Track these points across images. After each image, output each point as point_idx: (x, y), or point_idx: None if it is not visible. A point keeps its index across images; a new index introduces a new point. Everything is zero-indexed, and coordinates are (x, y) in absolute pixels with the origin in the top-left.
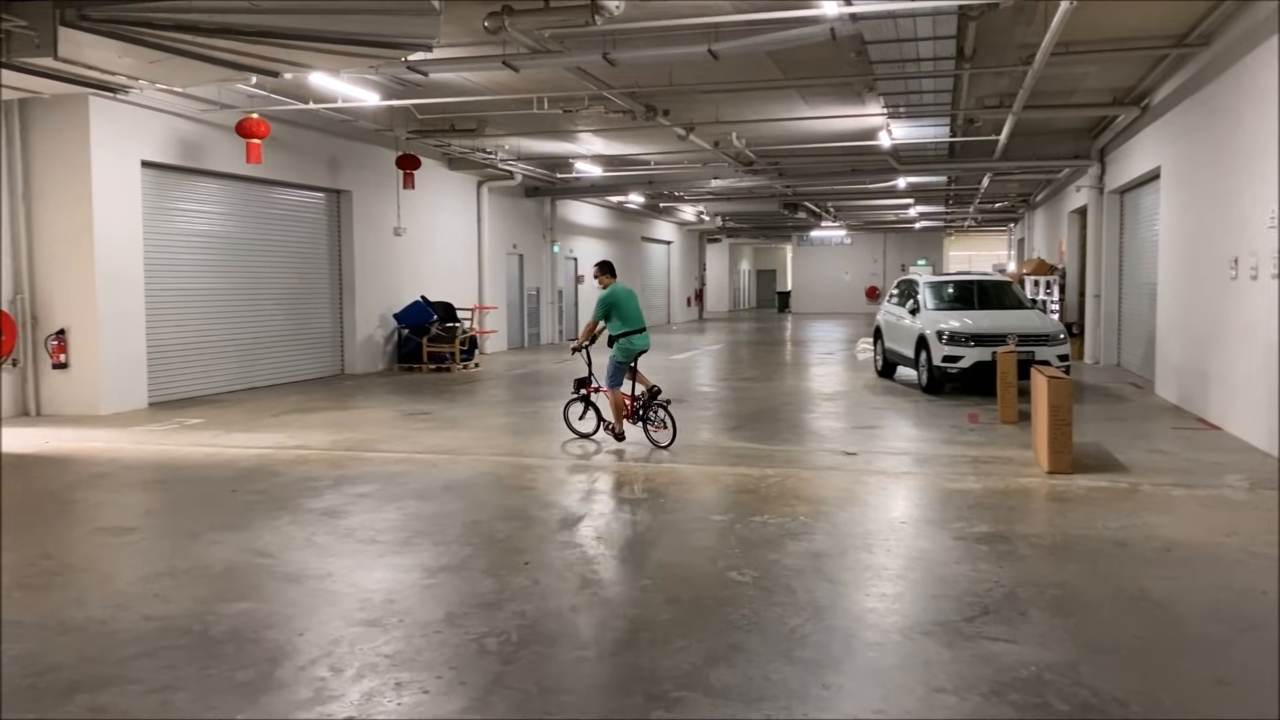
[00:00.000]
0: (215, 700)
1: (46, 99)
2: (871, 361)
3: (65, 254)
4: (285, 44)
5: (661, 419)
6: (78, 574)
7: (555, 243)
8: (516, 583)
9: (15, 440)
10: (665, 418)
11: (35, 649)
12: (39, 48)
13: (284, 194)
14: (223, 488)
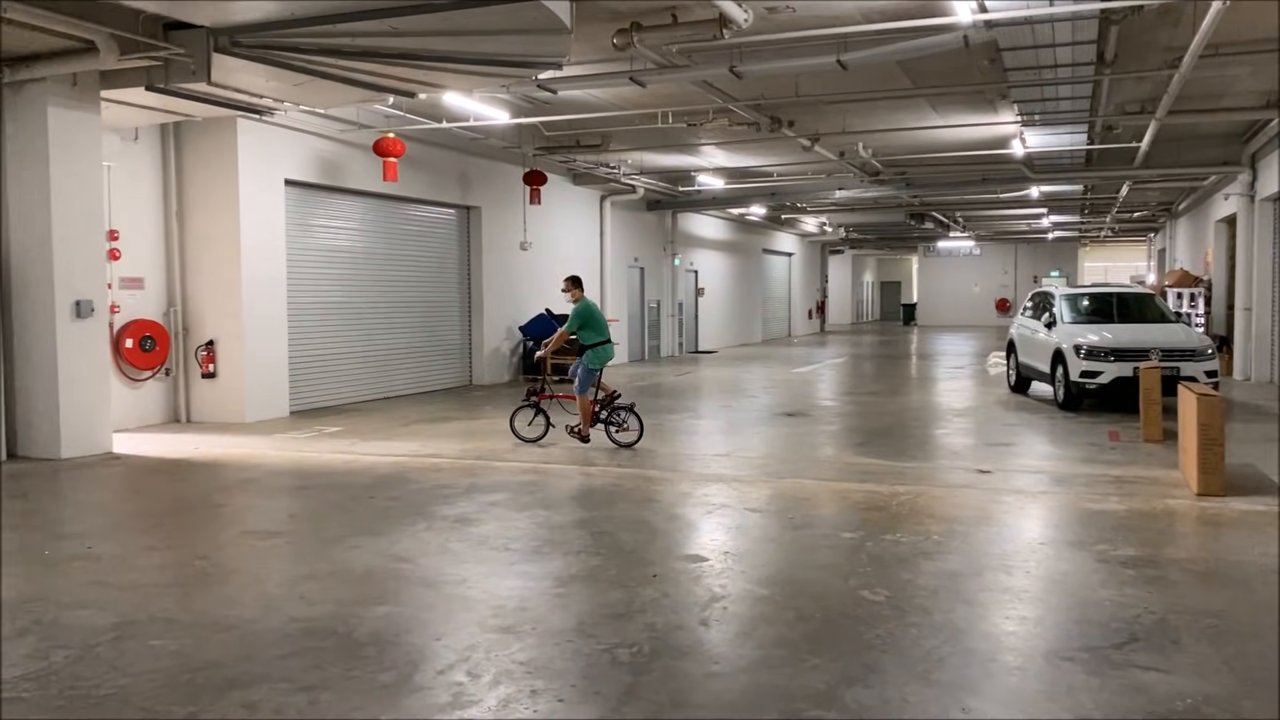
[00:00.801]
0: (359, 701)
1: (199, 121)
2: (1003, 376)
3: (214, 269)
4: (422, 65)
5: (623, 420)
6: (229, 574)
7: (676, 255)
8: (645, 594)
9: (168, 445)
10: (628, 419)
11: (192, 645)
12: (194, 73)
13: (417, 210)
14: (361, 494)
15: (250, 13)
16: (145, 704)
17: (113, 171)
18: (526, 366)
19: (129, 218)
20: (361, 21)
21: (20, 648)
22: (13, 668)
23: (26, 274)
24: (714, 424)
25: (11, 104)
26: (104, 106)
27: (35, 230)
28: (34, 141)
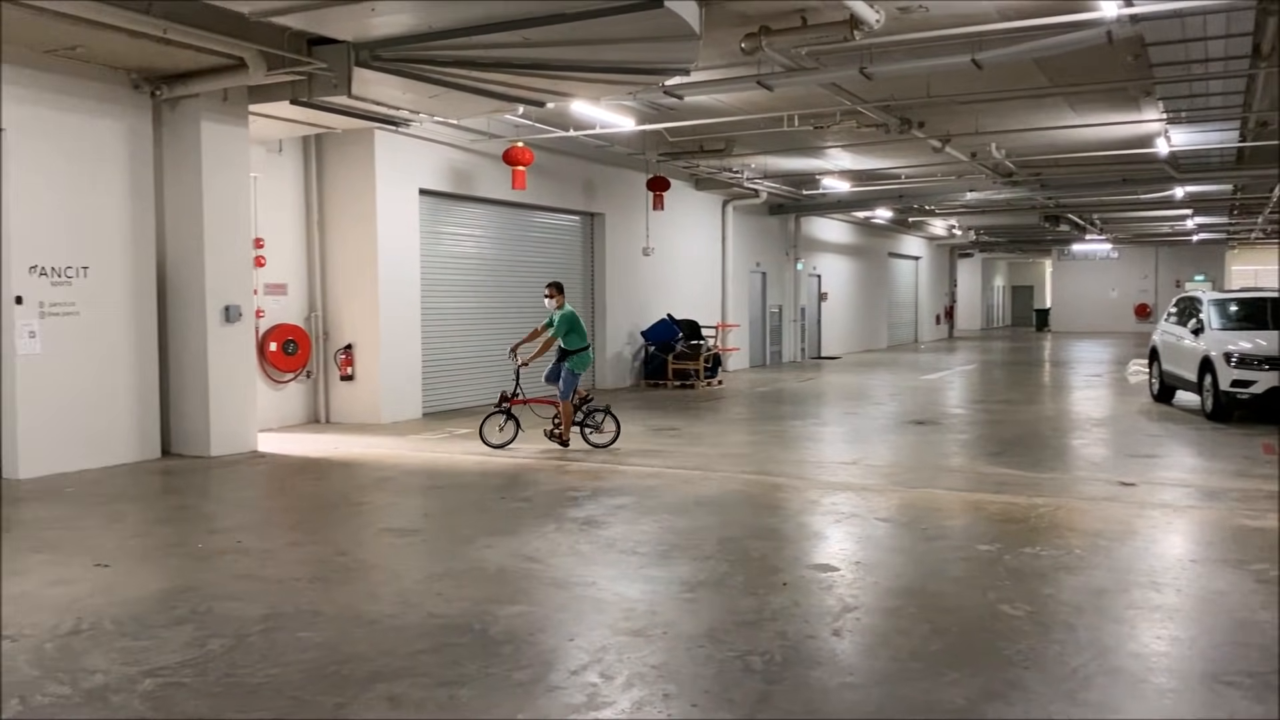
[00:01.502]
0: (496, 698)
1: (339, 134)
2: (1145, 385)
3: (353, 276)
4: (552, 75)
5: (600, 422)
6: (369, 570)
7: (799, 260)
8: (776, 602)
9: (308, 445)
10: (605, 420)
11: (337, 638)
12: (336, 87)
13: (542, 217)
14: (491, 494)
15: (389, 27)
16: (296, 693)
17: (258, 182)
18: (648, 371)
19: (273, 226)
20: (495, 33)
21: (180, 635)
22: (173, 654)
23: (180, 280)
24: (839, 431)
25: (169, 119)
26: (251, 120)
27: (188, 238)
28: (188, 154)
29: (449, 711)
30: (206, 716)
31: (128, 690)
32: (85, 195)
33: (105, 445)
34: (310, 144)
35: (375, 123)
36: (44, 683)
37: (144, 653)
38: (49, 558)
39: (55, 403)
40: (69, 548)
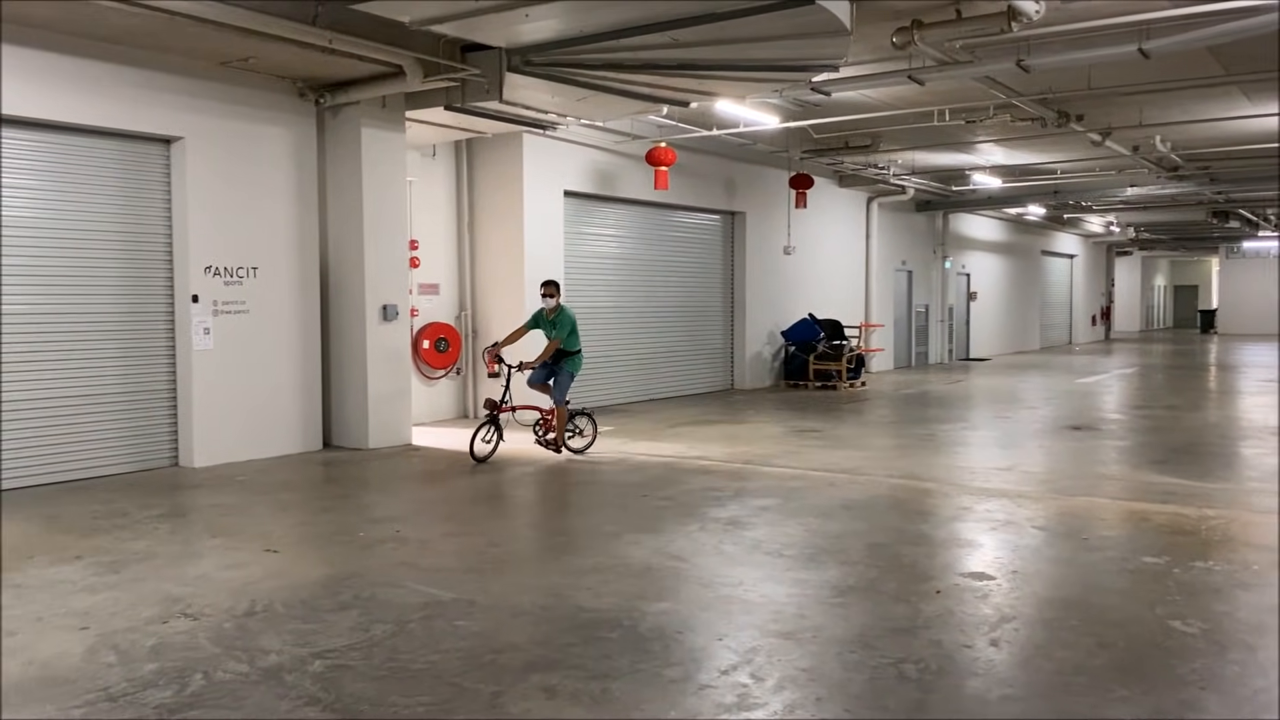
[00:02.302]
0: (648, 694)
1: (489, 138)
2: None
3: (500, 275)
4: (698, 75)
5: (579, 427)
6: (519, 562)
7: (946, 258)
8: (929, 610)
9: (459, 439)
10: (586, 425)
11: (491, 628)
12: (488, 92)
13: (683, 217)
14: (634, 492)
15: (541, 32)
16: (455, 680)
17: (413, 186)
18: (788, 371)
19: (426, 228)
20: (643, 35)
21: (345, 620)
22: (340, 637)
23: (341, 280)
24: (990, 435)
25: (331, 126)
26: (407, 126)
27: (349, 240)
28: (348, 160)
29: (602, 705)
30: (373, 699)
31: (299, 670)
32: (255, 199)
33: (272, 437)
34: (461, 148)
35: (524, 126)
36: (224, 660)
37: (313, 635)
38: (224, 542)
39: (226, 396)
40: (241, 533)
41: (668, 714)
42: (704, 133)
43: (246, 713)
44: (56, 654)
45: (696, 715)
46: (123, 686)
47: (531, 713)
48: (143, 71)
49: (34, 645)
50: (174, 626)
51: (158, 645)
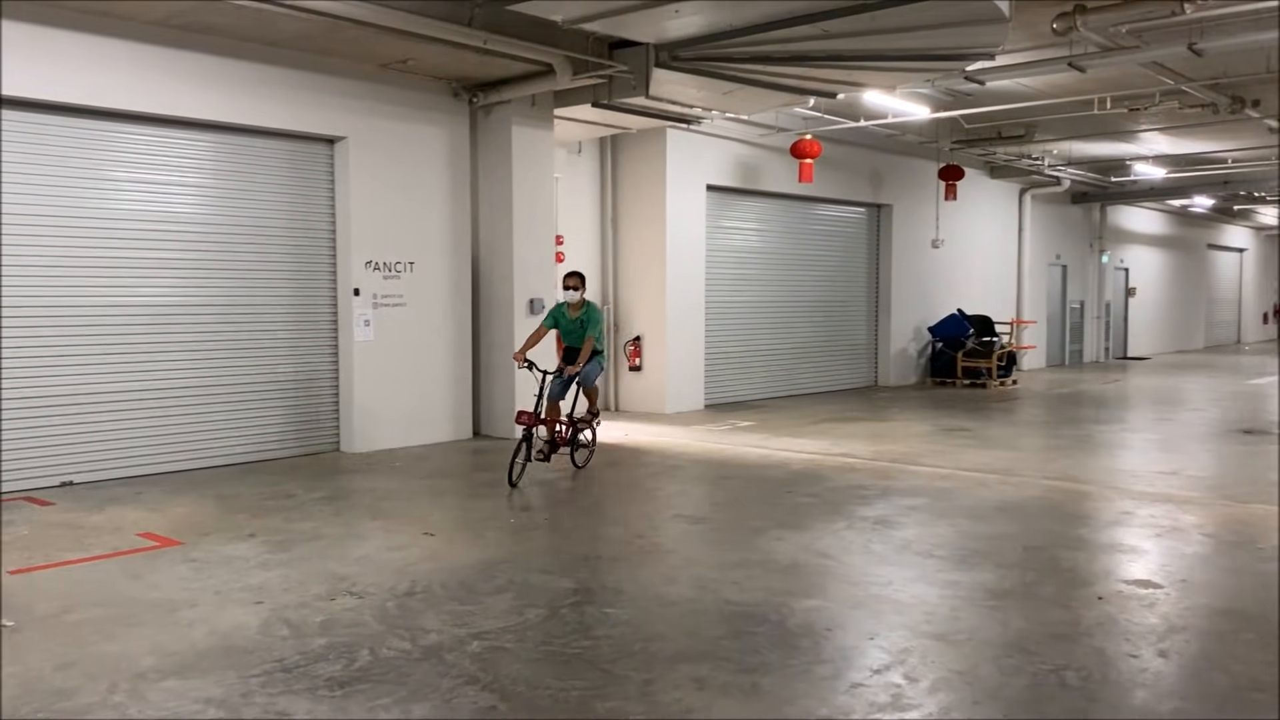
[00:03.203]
0: (798, 689)
1: (633, 133)
2: None
3: (642, 269)
4: (847, 65)
5: (586, 439)
6: (665, 554)
7: (1104, 252)
8: (1090, 617)
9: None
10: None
11: (640, 617)
12: (634, 88)
13: (827, 210)
14: (778, 488)
15: (688, 28)
16: (606, 667)
17: (559, 182)
18: (935, 368)
19: (571, 223)
20: (792, 27)
21: (500, 603)
22: (496, 620)
23: (491, 274)
24: (1152, 438)
25: (483, 124)
26: (555, 123)
27: (498, 236)
28: (499, 157)
29: (753, 699)
30: (529, 681)
31: (458, 650)
32: (412, 196)
33: (426, 425)
34: (606, 144)
35: (668, 121)
36: (388, 637)
37: (470, 617)
38: (383, 525)
39: (384, 385)
40: (400, 517)
41: (819, 711)
42: (850, 124)
43: (411, 689)
44: (235, 626)
45: (849, 714)
46: (295, 659)
47: (682, 702)
48: (309, 74)
49: (214, 617)
50: (341, 604)
51: (326, 621)
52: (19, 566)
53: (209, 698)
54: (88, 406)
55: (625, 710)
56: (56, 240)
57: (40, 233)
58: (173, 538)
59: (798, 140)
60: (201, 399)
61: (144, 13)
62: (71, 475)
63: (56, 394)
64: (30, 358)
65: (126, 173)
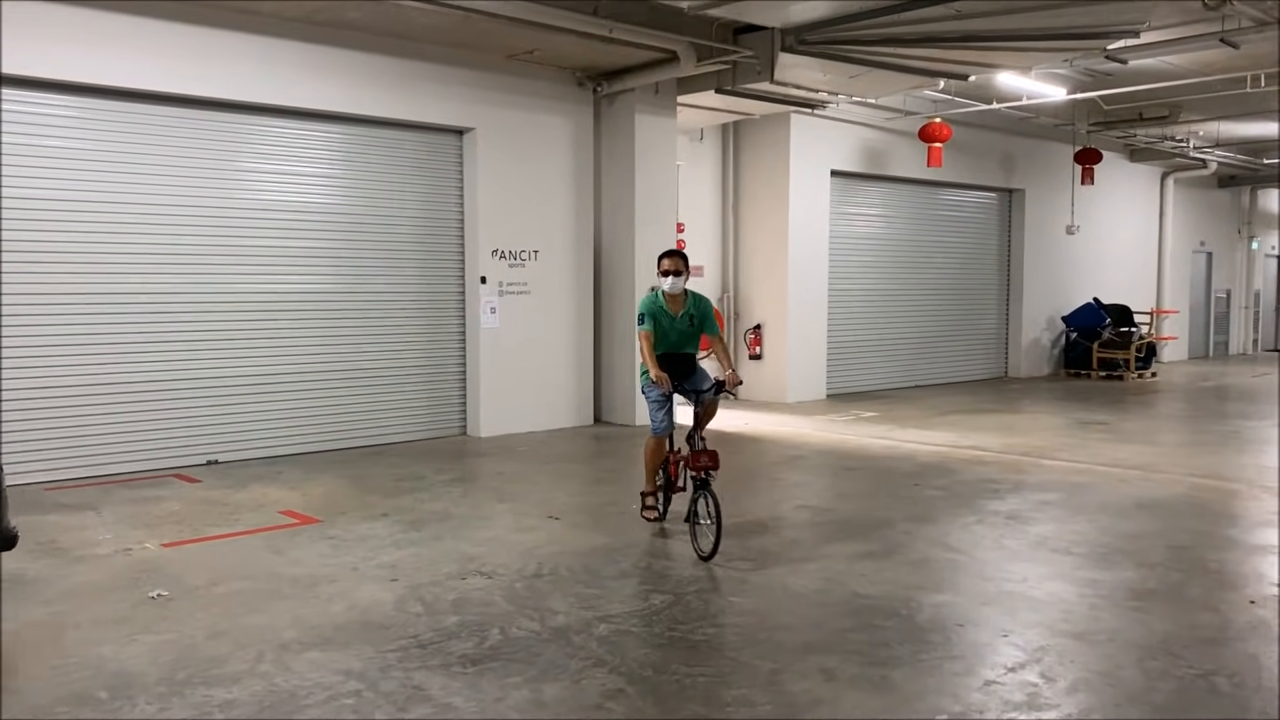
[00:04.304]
0: (930, 683)
1: (756, 119)
2: None
3: (764, 257)
4: (980, 46)
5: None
6: (790, 544)
7: (1253, 238)
8: (1242, 620)
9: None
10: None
11: (766, 606)
12: (759, 73)
13: (955, 195)
14: (904, 480)
15: (815, 10)
16: (733, 654)
17: (681, 169)
18: (1069, 360)
19: (692, 211)
20: (924, 8)
21: (625, 587)
22: (621, 604)
23: (613, 262)
24: None
25: (607, 113)
26: (678, 110)
27: (620, 224)
28: (622, 145)
29: (883, 692)
30: (656, 665)
31: (586, 632)
32: (537, 185)
33: (549, 411)
34: (728, 130)
35: (792, 106)
36: (517, 617)
37: (596, 600)
38: (510, 507)
39: (509, 372)
40: (525, 500)
41: (951, 708)
42: (982, 106)
43: (540, 669)
44: (372, 602)
45: (982, 711)
46: (429, 635)
47: (811, 693)
48: (439, 67)
49: (352, 592)
50: (471, 583)
51: (458, 600)
52: (171, 540)
53: (348, 670)
54: (232, 389)
55: (752, 699)
56: (201, 231)
57: (185, 223)
58: (312, 515)
59: (926, 124)
60: (336, 383)
61: (285, 10)
62: (216, 454)
63: (203, 377)
64: (178, 343)
65: (265, 165)
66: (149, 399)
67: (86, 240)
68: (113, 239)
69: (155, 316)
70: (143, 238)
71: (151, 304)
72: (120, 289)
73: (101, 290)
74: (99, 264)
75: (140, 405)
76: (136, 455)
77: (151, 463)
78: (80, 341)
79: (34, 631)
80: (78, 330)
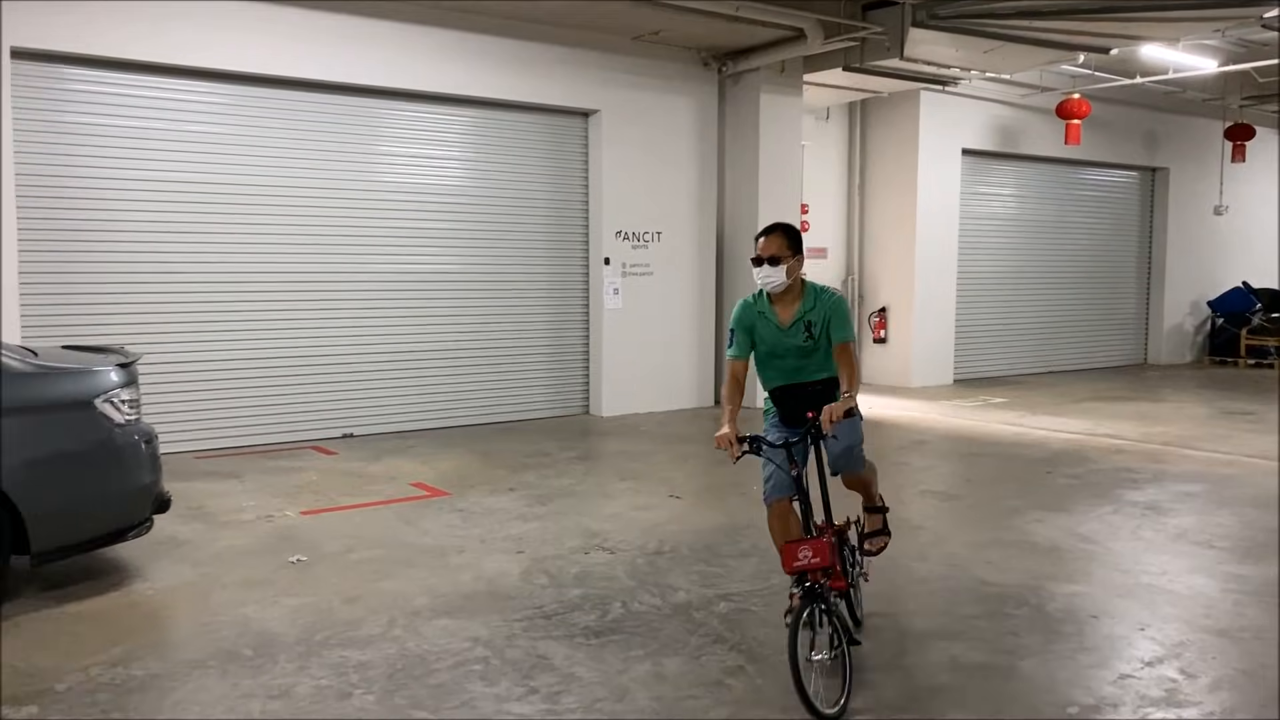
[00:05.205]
0: (1063, 675)
1: (884, 97)
2: None
3: (890, 239)
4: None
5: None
6: (914, 530)
7: None
8: None
9: None
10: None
11: (890, 591)
12: (888, 50)
13: (1094, 174)
14: (1036, 467)
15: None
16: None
17: (805, 149)
18: (1214, 346)
19: (816, 192)
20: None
21: (745, 567)
22: (741, 583)
23: (734, 244)
24: None
25: (731, 93)
26: (804, 89)
27: (743, 206)
28: (746, 125)
29: (1012, 681)
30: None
31: (706, 609)
32: (661, 167)
33: (669, 392)
34: (855, 109)
35: (922, 84)
36: (639, 592)
37: (716, 578)
38: (632, 486)
39: (631, 352)
40: (647, 478)
41: (1083, 700)
42: (1124, 81)
43: (661, 643)
44: (499, 572)
45: (1117, 705)
46: (554, 607)
47: (935, 679)
48: (566, 49)
49: (479, 563)
50: (594, 558)
51: (581, 573)
52: (309, 508)
53: (476, 637)
54: (367, 366)
55: (874, 681)
56: (339, 212)
57: (324, 206)
58: (441, 488)
59: (1064, 100)
60: (465, 362)
61: None
62: (352, 428)
63: (340, 354)
64: (317, 321)
65: (400, 148)
66: (290, 374)
67: (232, 222)
68: (257, 221)
69: (295, 295)
70: (285, 219)
71: (292, 283)
72: (263, 269)
73: (245, 270)
74: (244, 245)
75: (281, 380)
76: (277, 427)
77: (291, 435)
78: (226, 319)
79: (187, 589)
80: (224, 308)
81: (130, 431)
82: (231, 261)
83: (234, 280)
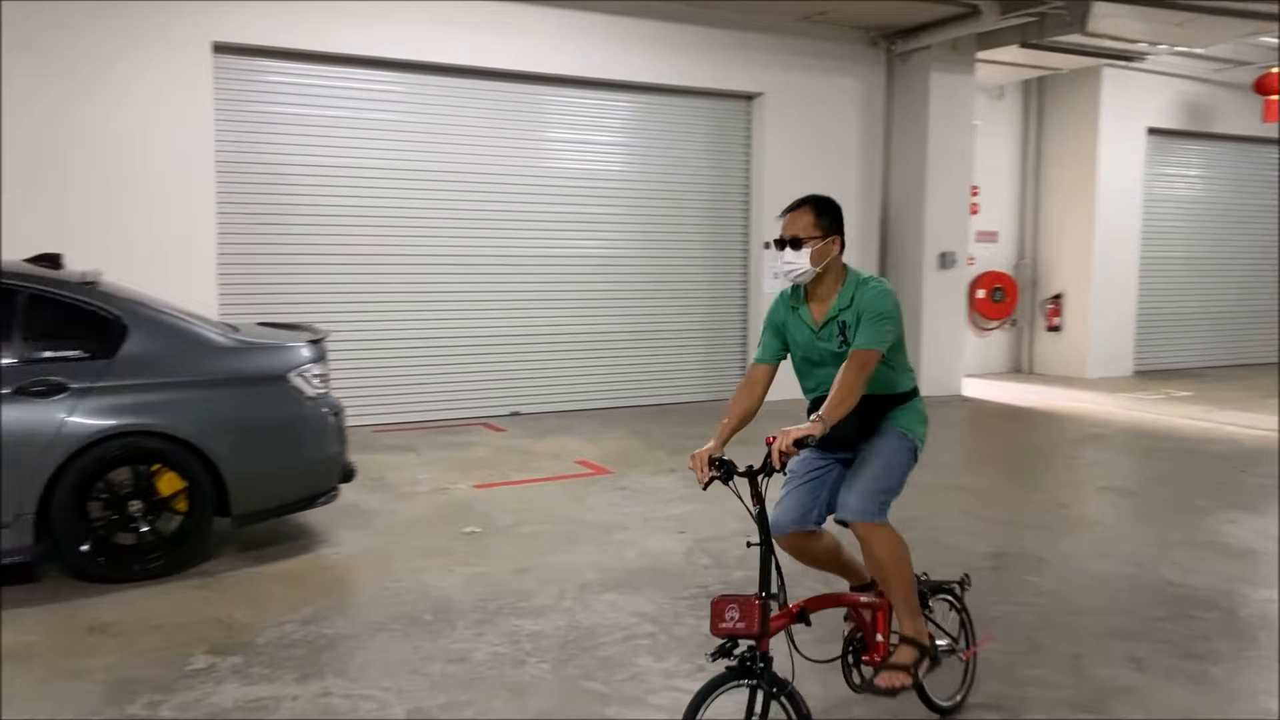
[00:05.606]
0: (1254, 684)
1: (1063, 74)
2: None
3: (1067, 222)
4: None
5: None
6: (1090, 525)
7: None
8: None
9: (1011, 393)
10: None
11: (1064, 588)
12: (1070, 24)
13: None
14: (1224, 465)
15: None
16: (1029, 634)
17: (977, 129)
18: None
19: (988, 173)
20: None
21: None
22: None
23: (900, 227)
24: None
25: (899, 72)
26: (976, 67)
27: (910, 187)
28: (915, 106)
29: (1202, 687)
30: None
31: None
32: (823, 148)
33: None
34: (1031, 87)
35: (1105, 60)
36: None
37: None
38: None
39: None
40: None
41: None
42: None
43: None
44: (662, 551)
45: None
46: (717, 588)
47: (1118, 680)
48: (730, 33)
49: (643, 541)
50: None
51: (743, 556)
52: (481, 482)
53: (643, 613)
54: (533, 347)
55: (1052, 680)
56: (509, 197)
57: (495, 190)
58: (605, 467)
59: (1264, 74)
60: (626, 344)
61: None
62: (519, 406)
63: (508, 335)
64: (487, 303)
65: (567, 134)
66: (461, 354)
67: (409, 207)
68: (432, 205)
69: (466, 277)
70: (457, 204)
71: (462, 267)
72: (437, 253)
73: (420, 253)
74: (420, 229)
75: (453, 359)
76: (450, 404)
77: (462, 411)
78: (404, 300)
79: (370, 555)
80: (402, 290)
81: (320, 404)
82: (409, 245)
83: (411, 263)
